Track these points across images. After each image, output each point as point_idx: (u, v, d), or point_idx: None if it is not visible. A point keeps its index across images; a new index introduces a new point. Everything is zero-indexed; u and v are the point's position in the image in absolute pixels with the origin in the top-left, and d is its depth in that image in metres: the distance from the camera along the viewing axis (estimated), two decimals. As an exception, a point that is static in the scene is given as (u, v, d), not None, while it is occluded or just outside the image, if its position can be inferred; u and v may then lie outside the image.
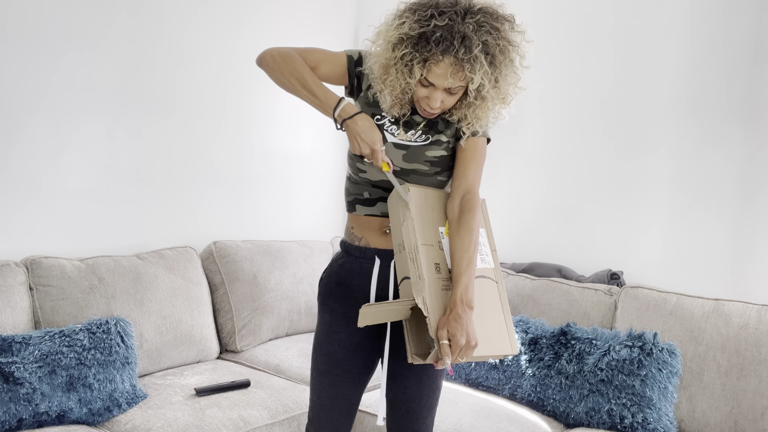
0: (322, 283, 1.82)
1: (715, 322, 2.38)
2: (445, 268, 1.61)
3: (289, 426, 2.33)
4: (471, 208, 1.62)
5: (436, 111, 1.62)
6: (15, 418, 1.98)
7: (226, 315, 2.88)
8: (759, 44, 2.54)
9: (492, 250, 1.72)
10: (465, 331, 1.49)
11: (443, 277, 1.60)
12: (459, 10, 1.52)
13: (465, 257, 1.56)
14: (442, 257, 1.62)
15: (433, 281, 1.57)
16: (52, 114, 2.53)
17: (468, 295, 1.53)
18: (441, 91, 1.57)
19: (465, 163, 1.68)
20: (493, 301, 1.65)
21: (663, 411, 2.28)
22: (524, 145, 3.13)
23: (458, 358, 1.50)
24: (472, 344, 1.50)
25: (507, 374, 2.53)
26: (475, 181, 1.67)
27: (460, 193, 1.65)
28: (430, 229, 1.63)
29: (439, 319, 1.53)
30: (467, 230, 1.60)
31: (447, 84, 1.54)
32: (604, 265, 2.90)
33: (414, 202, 1.62)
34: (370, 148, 1.61)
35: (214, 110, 3.08)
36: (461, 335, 1.48)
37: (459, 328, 1.49)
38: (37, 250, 2.52)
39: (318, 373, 1.78)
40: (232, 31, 3.10)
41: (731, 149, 2.60)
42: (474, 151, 1.68)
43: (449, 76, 1.53)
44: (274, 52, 1.69)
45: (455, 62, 1.51)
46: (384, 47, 1.58)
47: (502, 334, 1.63)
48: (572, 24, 2.99)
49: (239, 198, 3.22)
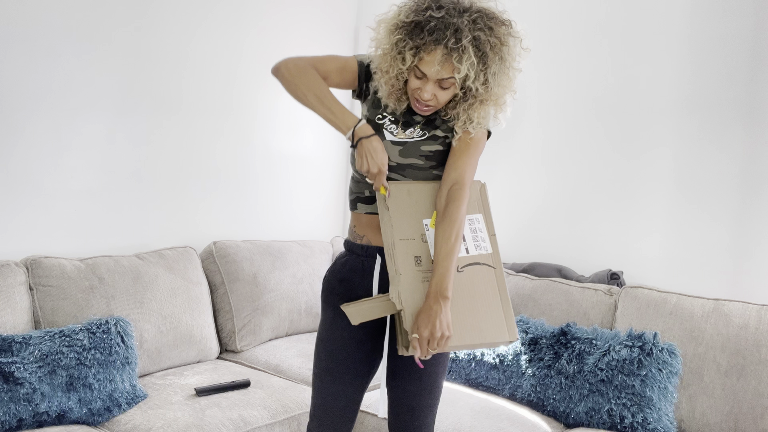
0: (325, 281, 1.83)
1: (715, 322, 2.38)
2: (428, 259, 1.63)
3: (289, 426, 2.33)
4: (456, 198, 1.63)
5: (429, 105, 1.65)
6: (15, 418, 1.98)
7: (226, 315, 2.88)
8: (759, 44, 2.54)
9: (490, 235, 1.71)
10: (432, 323, 1.52)
11: (424, 269, 1.61)
12: (458, 7, 1.57)
13: (444, 248, 1.58)
14: (424, 250, 1.63)
15: (411, 274, 1.59)
16: (52, 114, 2.53)
17: (443, 285, 1.55)
18: (432, 83, 1.60)
19: (457, 154, 1.69)
20: (489, 287, 1.65)
21: (663, 411, 2.28)
22: (524, 145, 3.13)
23: (429, 350, 1.53)
24: (437, 336, 1.52)
25: (507, 374, 2.54)
26: (465, 171, 1.68)
27: (449, 184, 1.67)
28: (411, 224, 1.65)
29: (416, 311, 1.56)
30: (450, 221, 1.61)
31: (437, 74, 1.57)
32: (604, 265, 2.90)
33: (393, 200, 1.65)
34: (378, 168, 1.65)
35: (215, 110, 3.08)
36: (425, 328, 1.52)
37: (426, 320, 1.53)
38: (37, 250, 2.52)
39: (320, 371, 1.79)
40: (232, 32, 3.10)
41: (731, 149, 2.60)
42: (467, 143, 1.69)
43: (438, 65, 1.56)
44: (291, 64, 1.71)
45: (445, 52, 1.54)
46: (383, 34, 1.63)
47: (497, 321, 1.62)
48: (572, 23, 2.99)
49: (239, 198, 3.22)
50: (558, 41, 3.01)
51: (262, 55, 3.26)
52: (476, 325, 1.60)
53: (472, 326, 1.60)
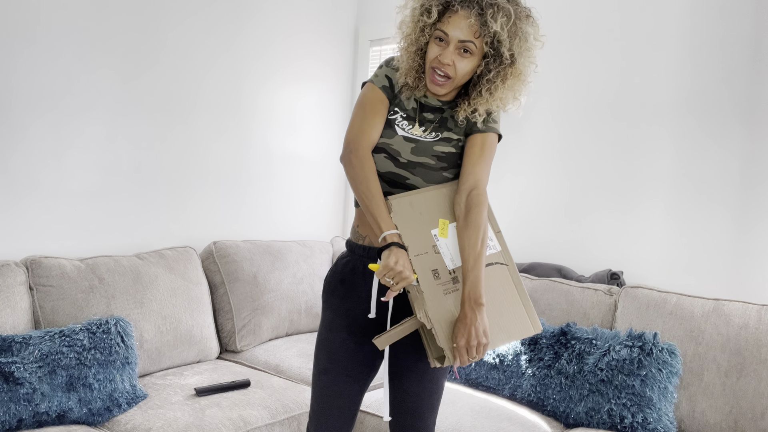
0: (326, 282, 1.83)
1: (715, 322, 2.38)
2: (445, 270, 1.62)
3: (289, 426, 2.33)
4: (478, 204, 1.64)
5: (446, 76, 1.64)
6: (15, 418, 1.98)
7: (226, 315, 2.88)
8: (758, 44, 2.54)
9: (496, 233, 1.71)
10: (467, 332, 1.52)
11: (443, 281, 1.60)
12: None
13: (472, 255, 1.59)
14: (439, 261, 1.62)
15: (432, 289, 1.58)
16: (52, 114, 2.53)
17: (476, 292, 1.55)
18: (453, 48, 1.61)
19: (473, 159, 1.69)
20: (506, 286, 1.66)
21: (663, 411, 2.28)
22: (524, 146, 3.13)
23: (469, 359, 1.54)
24: (473, 344, 1.53)
25: (507, 374, 2.54)
26: (482, 176, 1.69)
27: (467, 189, 1.67)
28: (420, 237, 1.63)
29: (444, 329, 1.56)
30: (474, 227, 1.61)
31: (461, 35, 1.60)
32: (604, 265, 2.90)
33: (397, 216, 1.63)
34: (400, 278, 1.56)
35: (215, 110, 3.08)
36: (461, 337, 1.52)
37: (462, 329, 1.53)
38: (37, 250, 2.52)
39: (319, 371, 1.78)
40: (232, 32, 3.10)
41: (731, 149, 2.60)
42: (483, 147, 1.70)
43: (465, 28, 1.59)
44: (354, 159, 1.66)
45: (472, 14, 1.58)
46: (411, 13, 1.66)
47: (521, 317, 1.63)
48: (572, 25, 2.99)
49: (239, 198, 3.22)
50: (557, 43, 3.01)
51: (262, 55, 3.26)
52: (503, 327, 1.61)
53: (500, 328, 1.61)
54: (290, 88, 3.40)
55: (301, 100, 3.46)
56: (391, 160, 1.70)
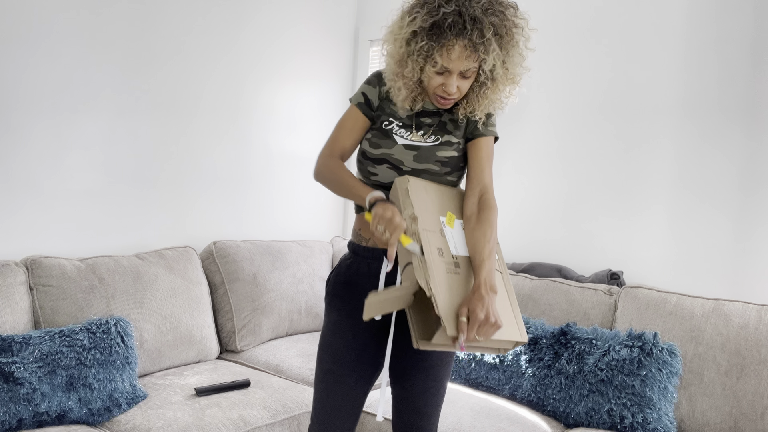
0: (329, 284, 1.83)
1: (715, 322, 2.38)
2: (448, 252, 1.62)
3: (289, 426, 2.33)
4: (490, 206, 1.68)
5: (453, 97, 1.66)
6: (15, 418, 1.98)
7: (226, 315, 2.88)
8: (758, 44, 2.54)
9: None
10: (486, 308, 1.49)
11: (447, 261, 1.60)
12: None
13: (487, 247, 1.60)
14: (444, 243, 1.63)
15: (437, 263, 1.58)
16: (52, 114, 2.53)
17: (491, 279, 1.55)
18: (456, 75, 1.62)
19: (481, 164, 1.73)
20: (500, 290, 1.66)
21: (663, 411, 2.28)
22: (524, 146, 3.13)
23: (476, 336, 1.48)
24: (491, 321, 1.48)
25: (507, 374, 2.53)
26: (490, 180, 1.74)
27: (478, 193, 1.71)
28: (430, 218, 1.65)
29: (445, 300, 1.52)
30: (489, 224, 1.64)
31: (462, 67, 1.60)
32: (604, 265, 2.90)
33: (414, 192, 1.65)
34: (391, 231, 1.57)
35: (215, 110, 3.08)
36: (481, 310, 1.48)
37: (480, 305, 1.49)
38: (37, 250, 2.52)
39: (323, 373, 1.78)
40: (232, 31, 3.10)
41: (731, 149, 2.60)
42: (488, 151, 1.75)
43: (464, 59, 1.58)
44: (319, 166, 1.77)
45: (469, 45, 1.57)
46: (399, 44, 1.64)
47: (510, 321, 1.64)
48: (573, 24, 2.99)
49: (239, 198, 3.22)
50: (557, 42, 3.01)
51: (262, 55, 3.26)
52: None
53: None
54: (290, 88, 3.40)
55: (301, 100, 3.46)
56: (395, 169, 1.71)
